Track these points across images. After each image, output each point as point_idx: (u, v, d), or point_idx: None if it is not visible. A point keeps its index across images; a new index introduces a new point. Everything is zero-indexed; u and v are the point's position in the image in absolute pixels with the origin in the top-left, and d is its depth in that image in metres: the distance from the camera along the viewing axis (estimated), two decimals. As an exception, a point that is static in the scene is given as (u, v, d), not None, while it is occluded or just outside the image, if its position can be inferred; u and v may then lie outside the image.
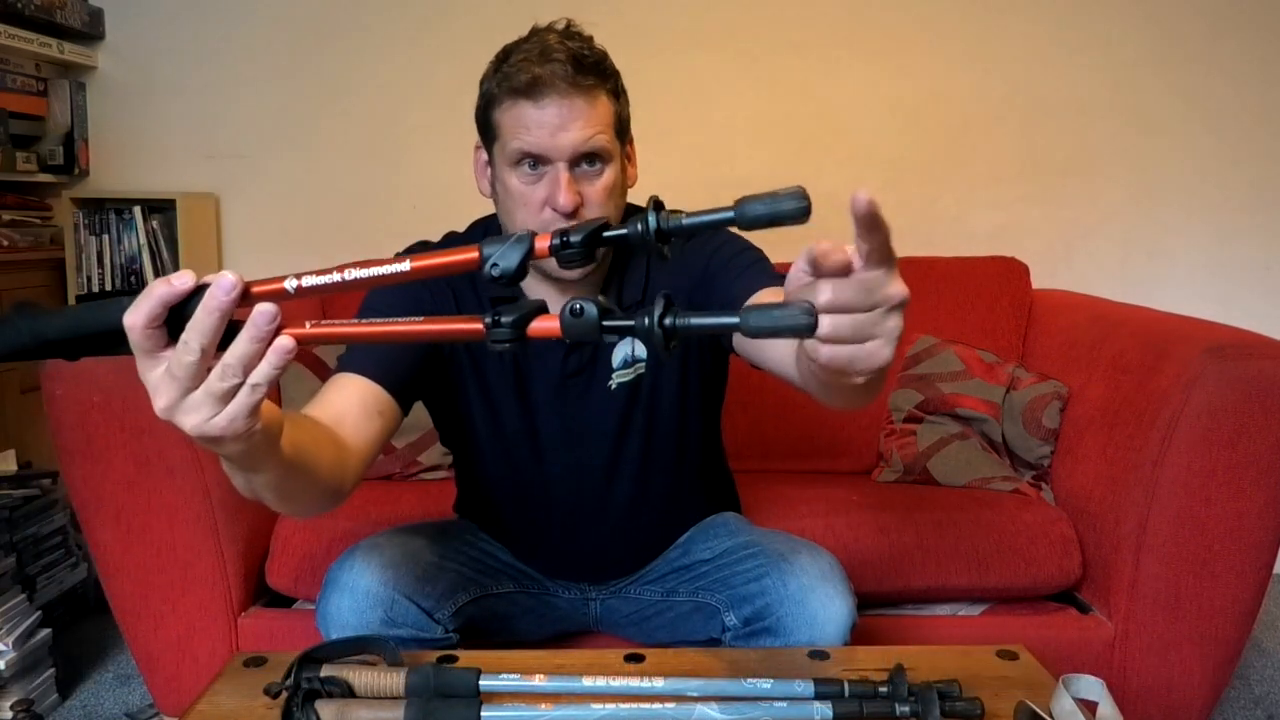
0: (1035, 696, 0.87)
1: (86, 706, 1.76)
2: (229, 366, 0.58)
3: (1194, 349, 1.41)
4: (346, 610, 1.05)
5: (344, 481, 0.90)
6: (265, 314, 0.58)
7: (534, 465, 1.18)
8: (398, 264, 0.60)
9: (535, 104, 0.98)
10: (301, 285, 0.59)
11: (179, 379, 0.58)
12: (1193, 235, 2.41)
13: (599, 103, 1.01)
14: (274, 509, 0.84)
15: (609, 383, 1.14)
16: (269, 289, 0.59)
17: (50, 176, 2.36)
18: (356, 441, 0.95)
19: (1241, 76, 2.37)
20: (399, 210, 2.41)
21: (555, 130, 0.98)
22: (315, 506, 0.88)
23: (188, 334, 0.57)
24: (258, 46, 2.40)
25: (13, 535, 1.81)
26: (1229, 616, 1.42)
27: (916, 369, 1.90)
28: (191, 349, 0.57)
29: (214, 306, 0.57)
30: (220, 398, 0.59)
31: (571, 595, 1.27)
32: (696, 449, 1.23)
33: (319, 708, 0.81)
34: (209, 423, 0.59)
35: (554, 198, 1.00)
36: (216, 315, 0.57)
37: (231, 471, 0.74)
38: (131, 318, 0.57)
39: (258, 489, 0.76)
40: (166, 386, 0.59)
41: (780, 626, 1.06)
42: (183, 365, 0.57)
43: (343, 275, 0.60)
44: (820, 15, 2.37)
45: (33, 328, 0.61)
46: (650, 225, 0.59)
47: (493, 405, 1.15)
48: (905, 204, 2.42)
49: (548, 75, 0.97)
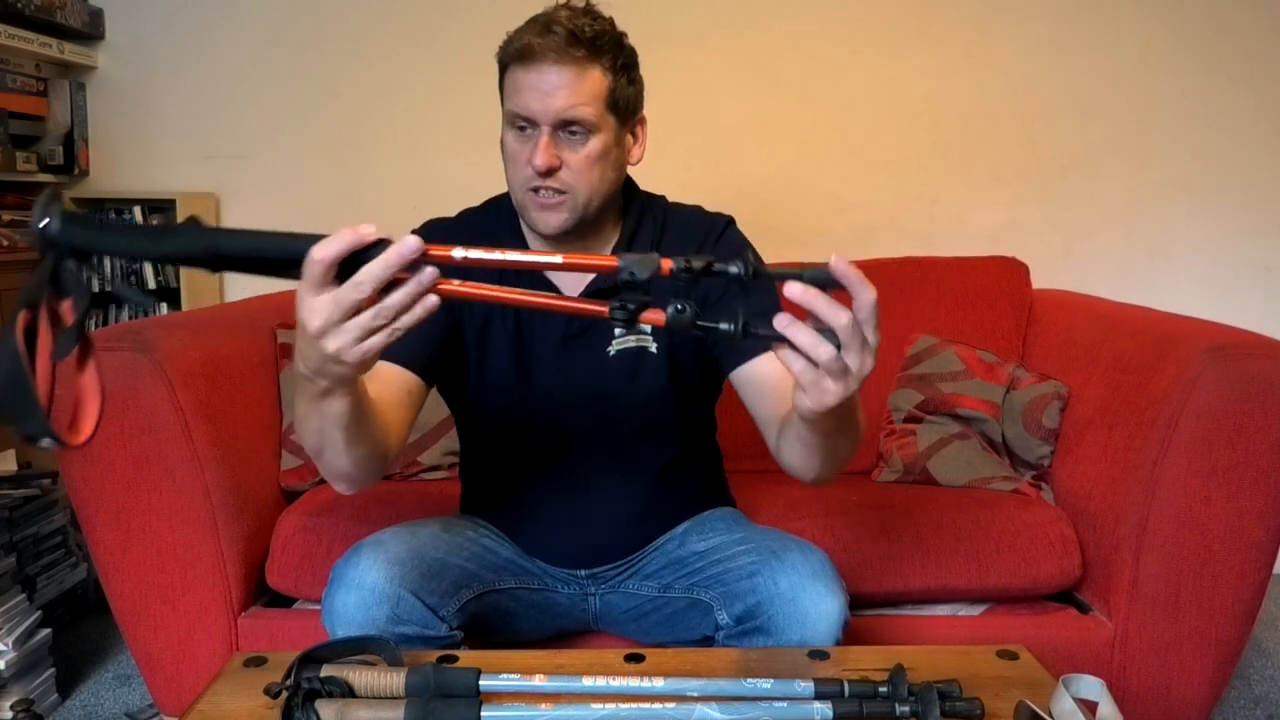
0: (1035, 696, 0.87)
1: (86, 706, 1.76)
2: (386, 309, 0.73)
3: (1194, 349, 1.41)
4: (353, 607, 1.05)
5: (389, 448, 1.02)
6: (429, 275, 0.72)
7: (533, 424, 1.21)
8: (550, 255, 0.77)
9: (526, 70, 1.06)
10: (468, 256, 0.74)
11: (342, 308, 0.72)
12: (1193, 235, 2.41)
13: (589, 75, 1.07)
14: (335, 462, 0.95)
15: (608, 348, 1.19)
16: (440, 253, 0.73)
17: (50, 176, 2.36)
18: (392, 419, 1.05)
19: (1242, 76, 2.37)
20: (399, 210, 2.39)
21: (543, 95, 1.06)
22: (370, 463, 0.98)
23: (362, 275, 0.71)
24: (258, 46, 2.40)
25: (13, 535, 1.81)
26: (1229, 616, 1.42)
27: (916, 369, 1.90)
28: (363, 288, 0.71)
29: (394, 261, 0.71)
30: (368, 331, 0.73)
31: (570, 590, 1.28)
32: (690, 432, 1.25)
33: (319, 708, 0.81)
34: (351, 348, 0.74)
35: (531, 156, 1.07)
36: (394, 268, 0.71)
37: (308, 411, 0.87)
38: (322, 252, 0.71)
39: (328, 427, 0.88)
40: (329, 311, 0.72)
41: (771, 625, 1.06)
42: (349, 299, 0.72)
43: (503, 254, 0.76)
44: (820, 16, 2.37)
45: (207, 240, 0.73)
46: (749, 270, 0.75)
47: (496, 363, 1.20)
48: (905, 204, 2.42)
49: (540, 44, 1.05)
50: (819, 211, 2.42)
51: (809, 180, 2.41)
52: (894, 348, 1.95)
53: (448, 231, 1.21)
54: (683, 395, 1.21)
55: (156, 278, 2.32)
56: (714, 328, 0.76)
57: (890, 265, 2.05)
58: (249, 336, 1.74)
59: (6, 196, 2.28)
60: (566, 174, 1.08)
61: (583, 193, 1.10)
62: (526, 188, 1.10)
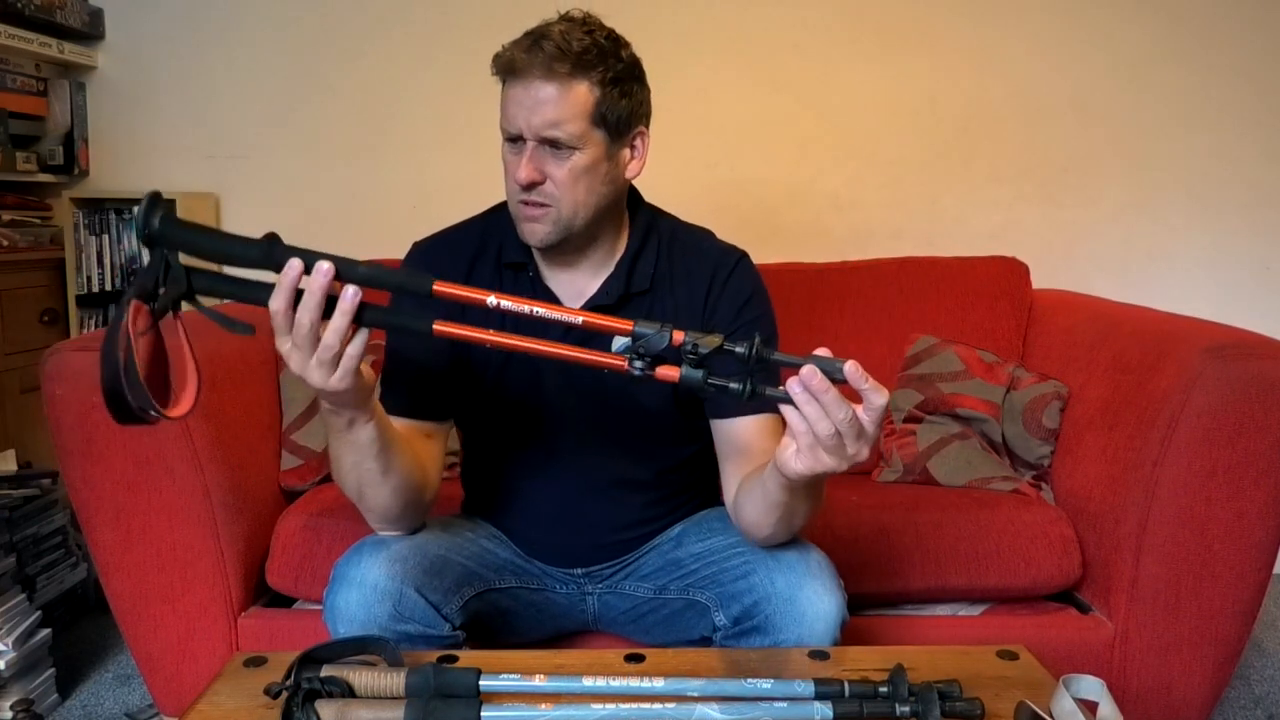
0: (1035, 696, 0.87)
1: (86, 706, 1.76)
2: (326, 347, 0.83)
3: (1194, 349, 1.41)
4: (355, 604, 1.05)
5: (426, 479, 1.11)
6: (350, 301, 0.82)
7: (536, 432, 1.22)
8: (573, 314, 0.85)
9: (512, 85, 1.08)
10: (500, 305, 0.83)
11: (302, 348, 0.84)
12: (1193, 235, 2.41)
13: (573, 91, 1.06)
14: (376, 498, 1.05)
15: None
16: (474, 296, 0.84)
17: (50, 176, 2.36)
18: (423, 453, 1.12)
19: (1242, 76, 2.37)
20: (399, 210, 2.41)
21: (526, 111, 1.07)
22: (409, 495, 1.07)
23: (300, 314, 0.82)
24: (258, 47, 2.40)
25: (13, 535, 1.81)
26: (1229, 616, 1.42)
27: (916, 369, 1.90)
28: (303, 326, 0.82)
29: (316, 290, 0.81)
30: (328, 364, 0.84)
31: (569, 590, 1.28)
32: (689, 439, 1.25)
33: (319, 708, 0.81)
34: (330, 378, 0.85)
35: (514, 170, 1.09)
36: (319, 296, 0.81)
37: (341, 450, 1.00)
38: (273, 303, 0.82)
39: (362, 459, 0.99)
40: (297, 355, 0.84)
41: (769, 624, 1.06)
42: (302, 338, 0.83)
43: (531, 306, 0.83)
44: (820, 16, 2.37)
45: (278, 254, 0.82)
46: (754, 353, 0.81)
47: (503, 375, 1.20)
48: (905, 204, 2.42)
49: (524, 61, 1.05)
50: (819, 211, 2.42)
51: (809, 180, 2.41)
52: (894, 348, 1.95)
53: (451, 248, 1.21)
54: (683, 408, 1.21)
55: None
56: (724, 386, 0.82)
57: (890, 265, 2.05)
58: (249, 336, 1.74)
59: (6, 196, 2.28)
60: (550, 188, 1.09)
61: (567, 206, 1.10)
62: (516, 199, 1.11)
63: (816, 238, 2.38)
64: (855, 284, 2.02)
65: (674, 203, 1.27)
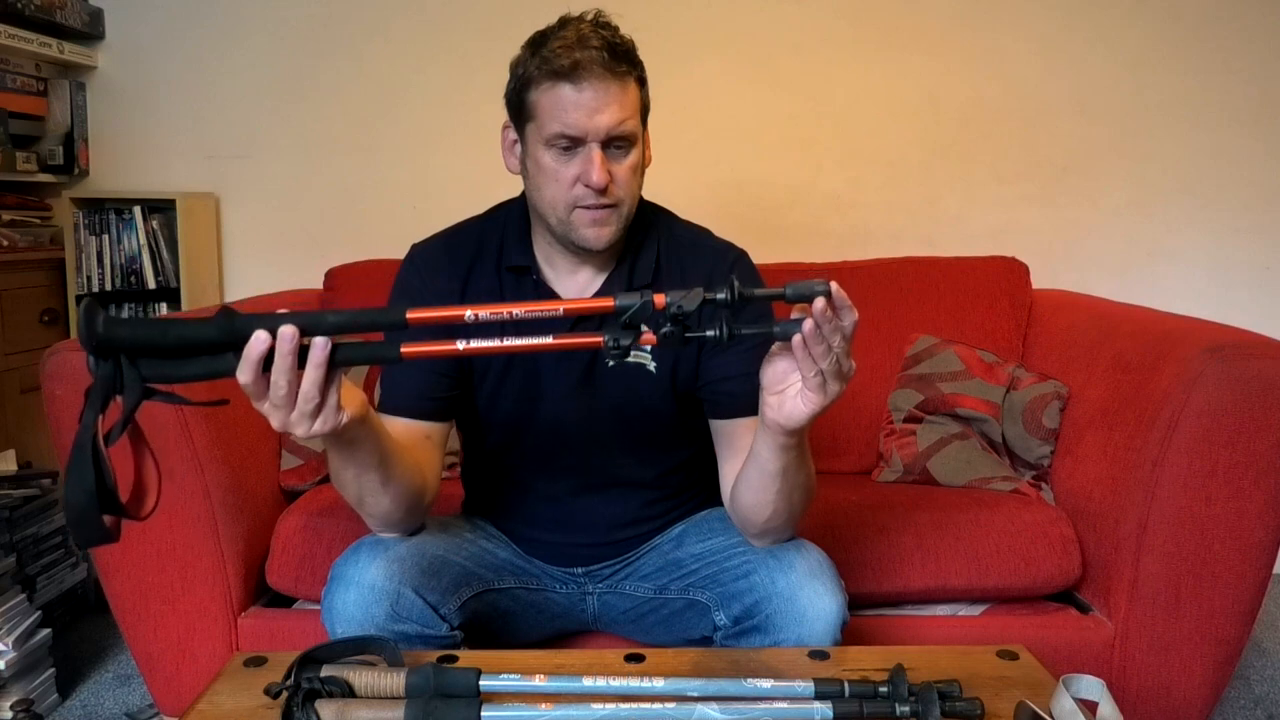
0: (1035, 696, 0.87)
1: (86, 706, 1.76)
2: (304, 395, 0.80)
3: (1194, 349, 1.41)
4: (352, 604, 1.05)
5: (425, 483, 1.09)
6: (317, 346, 0.79)
7: (535, 433, 1.21)
8: (550, 306, 0.81)
9: (575, 87, 1.04)
10: (478, 316, 0.79)
11: (280, 408, 0.81)
12: (1193, 235, 2.41)
13: (630, 88, 1.08)
14: (377, 505, 1.04)
15: (608, 360, 1.19)
16: (452, 314, 0.80)
17: (50, 176, 2.36)
18: (421, 458, 1.10)
19: (1241, 76, 2.37)
20: (399, 210, 2.41)
21: (592, 112, 1.05)
22: (409, 500, 1.06)
23: (274, 377, 0.79)
24: (258, 47, 2.40)
25: (13, 535, 1.81)
26: (1229, 616, 1.42)
27: (916, 369, 1.90)
28: (279, 386, 0.79)
29: (286, 354, 0.78)
30: (309, 415, 0.81)
31: (569, 590, 1.28)
32: (688, 438, 1.25)
33: (319, 708, 0.81)
34: (313, 429, 0.83)
35: (588, 175, 1.06)
36: (289, 359, 0.78)
37: (342, 464, 0.97)
38: (241, 377, 0.79)
39: (363, 471, 0.97)
40: (276, 414, 0.81)
41: (769, 624, 1.06)
42: (279, 398, 0.80)
43: (509, 309, 0.80)
44: (821, 17, 2.37)
45: (236, 327, 0.79)
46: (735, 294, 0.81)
47: (502, 377, 1.19)
48: (905, 204, 2.42)
49: (586, 60, 1.03)
50: (819, 211, 2.42)
51: (809, 180, 2.41)
52: (894, 348, 1.96)
53: (449, 251, 1.21)
54: (681, 407, 1.21)
55: (156, 277, 2.32)
56: (702, 335, 0.82)
57: (890, 265, 2.05)
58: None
59: (6, 196, 2.28)
60: (615, 187, 1.08)
61: (628, 204, 1.11)
62: (574, 206, 1.08)
63: (817, 238, 2.38)
64: (855, 284, 1.98)
65: (674, 203, 1.27)
